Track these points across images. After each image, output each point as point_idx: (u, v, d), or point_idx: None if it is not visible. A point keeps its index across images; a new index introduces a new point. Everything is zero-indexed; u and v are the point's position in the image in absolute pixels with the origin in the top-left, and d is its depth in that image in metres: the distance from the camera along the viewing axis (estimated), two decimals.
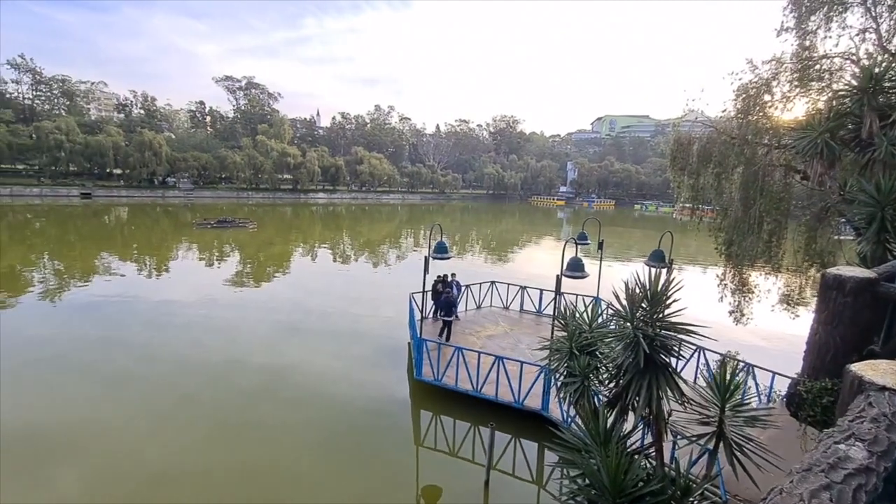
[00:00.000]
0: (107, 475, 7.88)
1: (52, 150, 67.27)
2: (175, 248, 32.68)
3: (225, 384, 11.38)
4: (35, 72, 79.46)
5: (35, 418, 9.47)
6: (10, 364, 11.96)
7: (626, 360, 3.47)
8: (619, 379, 3.73)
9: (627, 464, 2.94)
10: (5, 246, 30.91)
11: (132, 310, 17.24)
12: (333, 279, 24.57)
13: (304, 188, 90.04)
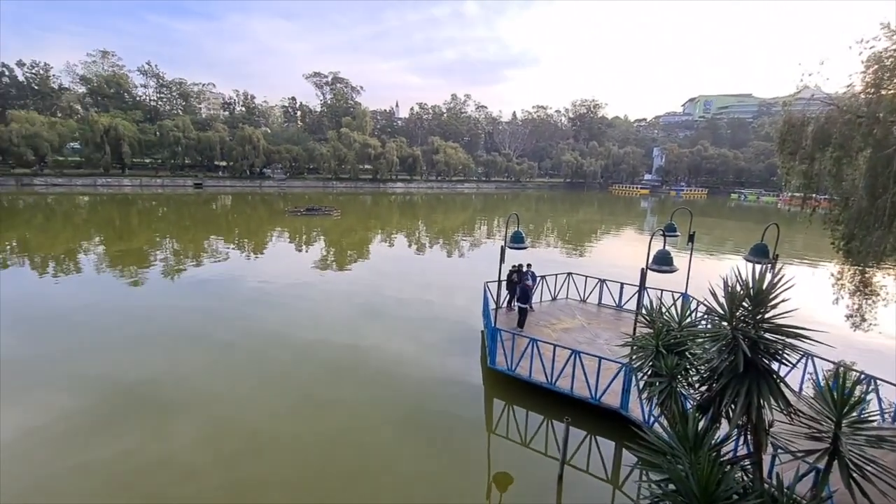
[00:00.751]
0: (213, 431, 8.95)
1: (172, 146, 76.74)
2: (270, 233, 35.78)
3: (311, 360, 12.33)
4: (159, 76, 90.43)
5: (156, 377, 11.01)
6: (137, 329, 14.01)
7: (722, 363, 3.22)
8: (712, 382, 3.47)
9: (720, 473, 2.74)
10: (136, 229, 36.04)
11: (234, 288, 19.24)
12: (409, 266, 25.40)
13: (383, 178, 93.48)
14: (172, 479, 7.51)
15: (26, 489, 7.21)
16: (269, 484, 7.51)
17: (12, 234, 31.17)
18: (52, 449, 8.21)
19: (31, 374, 11.14)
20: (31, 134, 66.31)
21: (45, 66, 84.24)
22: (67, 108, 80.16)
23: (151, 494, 7.17)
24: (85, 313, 15.67)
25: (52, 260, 24.45)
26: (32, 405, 9.64)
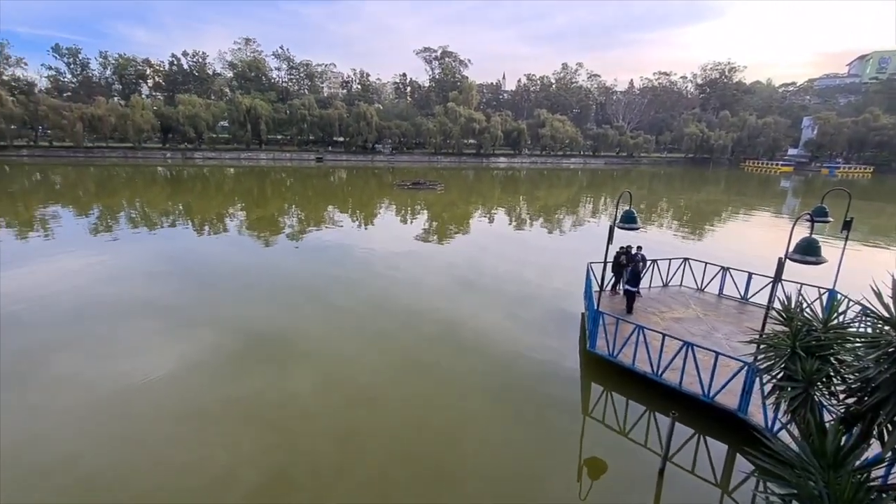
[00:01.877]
0: (326, 381, 10.06)
1: (299, 123, 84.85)
2: (378, 205, 38.12)
3: (412, 326, 13.08)
4: (289, 59, 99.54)
5: (282, 329, 12.61)
6: (268, 286, 16.12)
7: (881, 375, 2.73)
8: (863, 395, 2.97)
9: (867, 500, 2.37)
10: (269, 198, 40.96)
11: (346, 254, 21.01)
12: (508, 242, 25.27)
13: (486, 152, 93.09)
14: (292, 417, 8.67)
15: (187, 413, 8.88)
16: (371, 432, 8.28)
17: (179, 199, 37.62)
18: (204, 381, 9.98)
19: (190, 319, 13.53)
20: (193, 114, 78.19)
21: (202, 54, 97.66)
22: (219, 91, 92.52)
23: (277, 428, 8.36)
24: (228, 269, 18.44)
25: (207, 223, 29.00)
26: (190, 344, 11.74)
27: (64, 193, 40.88)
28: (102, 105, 76.52)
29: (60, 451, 7.60)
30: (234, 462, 7.40)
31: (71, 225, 26.96)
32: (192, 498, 6.65)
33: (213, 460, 7.44)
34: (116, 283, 16.04)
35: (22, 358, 10.56)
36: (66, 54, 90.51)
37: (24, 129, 76.94)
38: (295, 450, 7.77)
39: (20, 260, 18.87)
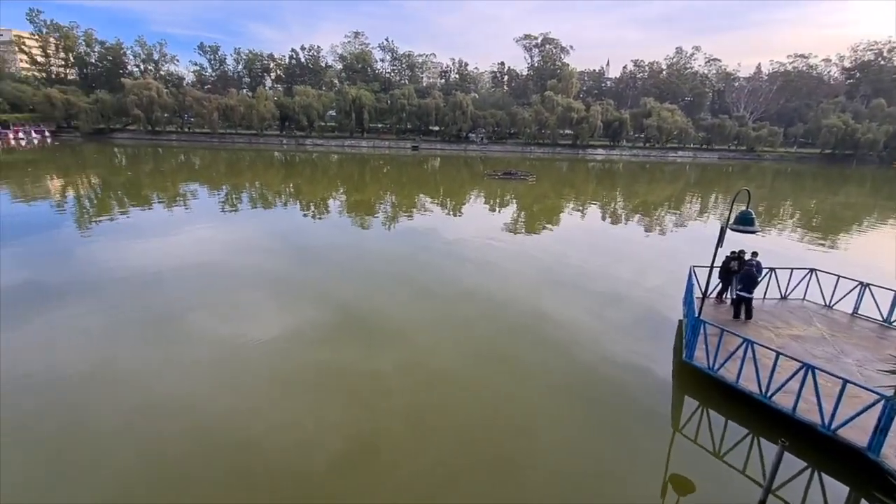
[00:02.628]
0: (409, 362, 10.52)
1: (398, 112, 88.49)
2: (468, 194, 38.50)
3: (494, 316, 13.11)
4: (393, 51, 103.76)
5: (373, 307, 13.41)
6: (364, 266, 17.22)
7: None
8: None
9: None
10: (367, 183, 43.49)
11: (435, 241, 21.61)
12: (600, 237, 24.06)
13: (583, 143, 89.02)
14: (374, 393, 9.23)
15: (286, 377, 9.91)
16: (445, 416, 8.54)
17: (290, 182, 41.57)
18: (302, 349, 11.02)
19: (294, 291, 14.97)
20: (306, 104, 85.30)
21: (317, 48, 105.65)
22: (329, 83, 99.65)
23: (360, 402, 8.98)
24: (328, 248, 20.01)
25: (312, 204, 31.69)
26: (292, 314, 13.01)
27: (201, 173, 47.38)
28: (234, 96, 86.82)
29: (183, 395, 8.97)
30: (320, 427, 8.09)
31: (204, 200, 31.20)
32: (281, 454, 7.42)
33: (302, 423, 8.21)
34: (235, 254, 18.29)
35: (160, 314, 12.58)
36: (208, 52, 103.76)
37: (174, 117, 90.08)
38: (375, 424, 8.24)
39: (164, 229, 22.34)
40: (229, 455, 7.29)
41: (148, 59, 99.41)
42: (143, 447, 7.38)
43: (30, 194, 31.69)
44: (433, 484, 6.91)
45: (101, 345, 10.61)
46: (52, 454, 7.19)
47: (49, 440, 7.50)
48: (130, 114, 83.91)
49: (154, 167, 51.05)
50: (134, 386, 9.04)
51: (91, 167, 48.75)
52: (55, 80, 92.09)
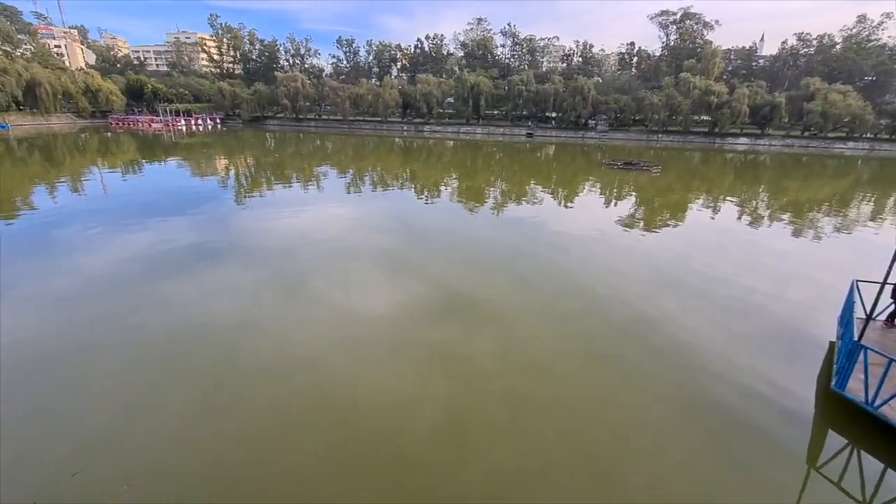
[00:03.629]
0: (505, 350, 10.59)
1: (515, 99, 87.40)
2: (582, 184, 36.74)
3: (598, 314, 12.51)
4: (514, 35, 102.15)
5: (475, 290, 13.69)
6: (468, 252, 17.60)
7: None
8: None
9: None
10: (479, 169, 44.00)
11: (542, 231, 21.17)
12: (733, 240, 21.21)
13: (721, 131, 78.66)
14: (471, 373, 9.49)
15: (393, 348, 10.68)
16: (539, 409, 8.46)
17: (407, 166, 43.91)
18: (409, 324, 11.75)
19: (405, 269, 15.92)
20: (427, 92, 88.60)
21: (441, 37, 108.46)
22: (450, 70, 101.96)
23: (458, 379, 9.32)
24: (437, 231, 20.82)
25: (426, 188, 33.11)
26: (402, 291, 13.89)
27: (332, 156, 52.45)
28: (364, 86, 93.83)
29: (307, 351, 10.21)
30: (420, 398, 8.60)
31: (333, 181, 34.56)
32: (383, 415, 8.08)
33: (404, 390, 8.82)
34: (355, 231, 20.03)
35: (293, 279, 14.40)
36: (344, 45, 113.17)
37: (314, 106, 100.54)
38: (470, 404, 8.49)
39: (299, 205, 25.31)
40: (339, 408, 8.19)
41: (296, 53, 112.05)
42: (274, 391, 8.65)
43: (204, 170, 38.34)
44: (523, 473, 6.95)
45: (247, 299, 12.57)
46: (206, 387, 8.81)
47: (204, 374, 9.18)
48: (280, 103, 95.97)
49: (295, 150, 57.89)
50: (270, 337, 10.58)
51: (248, 149, 57.11)
52: (225, 75, 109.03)
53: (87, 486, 6.26)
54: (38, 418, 7.70)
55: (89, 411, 7.92)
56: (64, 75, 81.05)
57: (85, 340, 10.28)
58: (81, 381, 8.77)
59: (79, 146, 54.68)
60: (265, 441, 7.34)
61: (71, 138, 62.69)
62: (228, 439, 7.35)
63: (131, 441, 7.22)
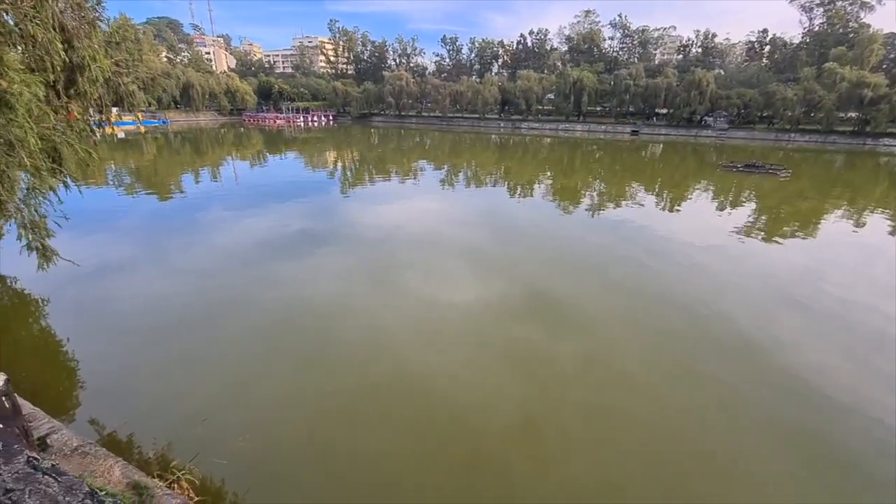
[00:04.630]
0: (589, 358, 10.27)
1: (621, 94, 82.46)
2: (692, 188, 33.62)
3: (698, 330, 11.53)
4: (625, 27, 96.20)
5: (562, 293, 13.40)
6: (557, 251, 17.22)
7: None
8: None
9: None
10: (576, 168, 42.47)
11: (640, 236, 19.88)
12: (878, 260, 17.93)
13: (876, 130, 66.35)
14: (551, 377, 9.39)
15: (478, 342, 10.93)
16: (622, 426, 8.12)
17: (502, 164, 43.89)
18: (494, 320, 11.92)
19: (492, 266, 16.10)
20: (527, 88, 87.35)
21: (544, 31, 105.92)
22: (552, 66, 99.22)
23: (537, 382, 9.30)
24: (527, 230, 20.65)
25: (520, 186, 32.87)
26: (488, 286, 14.10)
27: (429, 152, 54.32)
28: (465, 83, 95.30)
29: (391, 335, 10.90)
30: (497, 396, 8.72)
31: (429, 175, 35.84)
32: (459, 407, 8.38)
33: (481, 385, 9.03)
34: (447, 225, 20.67)
35: (384, 267, 15.37)
36: (448, 43, 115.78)
37: (416, 103, 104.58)
38: (548, 408, 8.41)
39: (396, 197, 26.73)
40: (417, 396, 8.68)
41: (403, 53, 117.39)
42: (362, 371, 9.43)
43: (315, 163, 42.18)
44: (599, 488, 6.76)
45: (343, 282, 13.74)
46: (306, 359, 9.88)
47: (304, 347, 10.30)
48: (385, 101, 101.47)
49: (396, 146, 60.96)
50: (361, 319, 11.49)
51: (354, 144, 61.48)
52: (339, 75, 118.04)
53: (214, 431, 7.42)
54: (175, 370, 9.30)
55: (214, 369, 9.37)
56: (211, 78, 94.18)
57: (212, 307, 12.09)
58: (208, 342, 10.38)
59: (218, 139, 63.30)
60: (352, 415, 8.05)
61: (213, 132, 72.77)
62: (323, 409, 8.21)
63: (247, 398, 8.40)
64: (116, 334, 10.50)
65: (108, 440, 7.00)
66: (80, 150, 6.43)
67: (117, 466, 5.77)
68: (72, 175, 6.57)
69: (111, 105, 7.43)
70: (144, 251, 16.38)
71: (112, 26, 8.27)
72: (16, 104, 4.86)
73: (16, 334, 10.66)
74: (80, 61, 6.07)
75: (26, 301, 12.14)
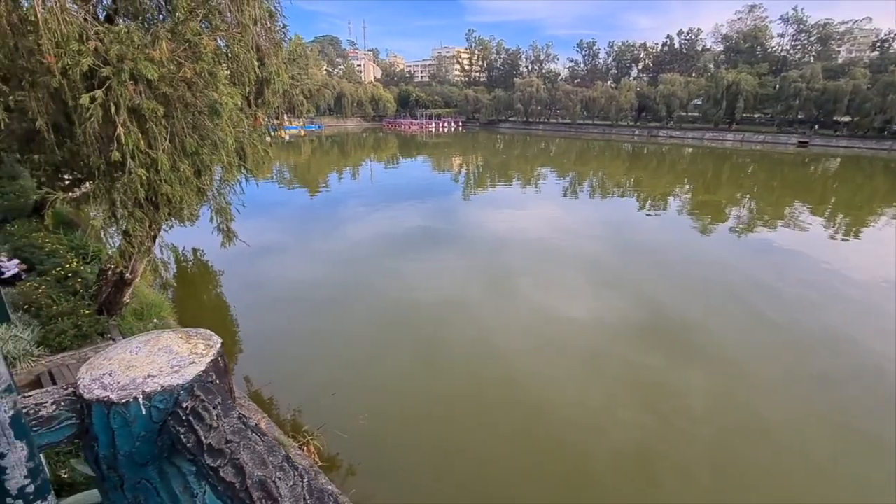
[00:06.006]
0: (717, 395, 9.11)
1: (788, 99, 70.68)
2: (880, 212, 27.40)
3: (867, 383, 9.44)
4: (800, 22, 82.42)
5: (690, 315, 12.09)
6: (688, 271, 15.54)
7: None
8: None
9: None
10: (722, 183, 37.68)
11: (796, 263, 16.91)
12: None
13: None
14: (672, 410, 8.55)
15: (587, 357, 10.48)
16: (754, 472, 7.09)
17: (632, 174, 40.99)
18: (607, 334, 11.30)
19: (609, 281, 15.21)
20: (669, 93, 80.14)
21: (696, 31, 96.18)
22: (702, 68, 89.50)
23: (654, 412, 8.57)
24: (659, 246, 18.97)
25: (651, 198, 30.38)
26: (602, 303, 13.38)
27: (554, 159, 53.20)
28: (598, 88, 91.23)
29: (500, 343, 10.99)
30: (608, 420, 8.26)
31: (551, 183, 35.13)
32: (566, 430, 8.14)
33: (590, 406, 8.62)
34: (566, 235, 20.07)
35: (499, 272, 15.54)
36: (584, 48, 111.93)
37: (545, 109, 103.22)
38: (665, 442, 7.72)
39: (516, 204, 26.74)
40: (524, 407, 8.61)
41: (536, 60, 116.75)
42: (470, 373, 9.74)
43: (441, 166, 44.35)
44: None
45: (459, 283, 14.27)
46: (419, 352, 10.53)
47: (419, 340, 10.97)
48: (514, 107, 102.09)
49: (521, 152, 60.95)
50: (472, 321, 11.84)
51: (480, 149, 63.10)
52: (472, 83, 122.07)
53: (339, 407, 8.27)
54: (308, 342, 10.67)
55: (341, 348, 10.53)
56: (360, 88, 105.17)
57: (341, 291, 13.57)
58: (337, 322, 11.69)
59: (361, 142, 70.34)
60: (459, 417, 8.35)
61: (357, 136, 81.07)
62: (432, 406, 8.64)
63: (366, 381, 9.23)
64: (266, 306, 12.45)
65: (254, 396, 8.35)
66: (261, 149, 7.86)
67: (263, 421, 6.91)
68: (252, 170, 8.08)
69: (284, 112, 8.95)
70: (293, 237, 19.09)
71: (290, 45, 9.89)
72: (222, 112, 6.22)
73: (199, 297, 13.34)
74: (268, 76, 7.46)
75: (209, 271, 15.08)
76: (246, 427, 1.72)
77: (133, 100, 6.14)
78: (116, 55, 5.91)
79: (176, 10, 6.42)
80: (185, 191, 6.79)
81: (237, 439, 1.64)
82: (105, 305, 8.74)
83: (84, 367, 2.09)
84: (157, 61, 5.95)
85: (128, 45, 5.97)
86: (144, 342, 2.24)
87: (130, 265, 8.09)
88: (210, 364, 2.09)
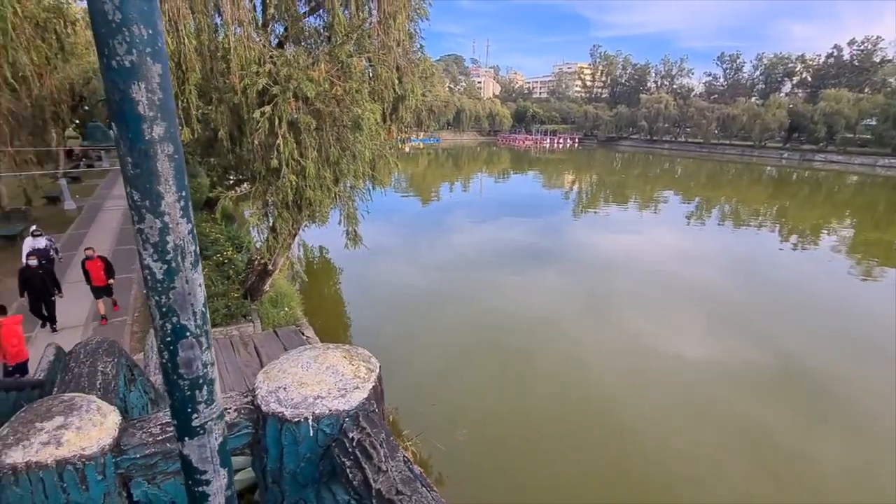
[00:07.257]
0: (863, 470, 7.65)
1: None
2: None
3: None
4: None
5: (831, 378, 10.21)
6: (836, 323, 13.13)
7: None
8: None
9: None
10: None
11: None
12: None
13: None
14: (798, 480, 7.59)
15: (693, 403, 9.52)
16: None
17: (776, 202, 35.75)
18: (716, 380, 10.13)
19: (733, 320, 13.52)
20: (833, 111, 68.49)
21: (874, 40, 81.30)
22: (880, 83, 75.00)
23: (775, 480, 7.66)
24: (797, 287, 16.41)
25: (797, 232, 26.21)
26: (722, 342, 11.92)
27: (679, 182, 48.79)
28: (739, 105, 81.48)
29: (593, 370, 10.40)
30: (716, 472, 7.51)
31: (673, 208, 32.24)
32: (666, 474, 7.64)
33: (696, 456, 7.90)
34: (683, 264, 18.31)
35: (601, 296, 14.81)
36: (726, 61, 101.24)
37: (672, 127, 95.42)
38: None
39: (628, 227, 25.08)
40: (610, 441, 8.16)
41: (666, 74, 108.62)
42: (555, 395, 9.45)
43: (553, 183, 43.49)
44: None
45: (554, 302, 13.93)
46: (509, 367, 10.47)
47: (509, 355, 10.88)
48: (637, 124, 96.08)
49: (641, 171, 57.08)
50: (562, 337, 11.57)
51: (595, 167, 60.58)
52: (593, 99, 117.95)
53: (439, 418, 8.45)
54: (404, 343, 11.20)
55: (432, 353, 10.87)
56: (478, 104, 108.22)
57: (440, 297, 14.17)
58: (430, 326, 12.16)
59: (474, 156, 72.22)
60: (545, 438, 8.21)
61: (471, 150, 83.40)
62: (521, 429, 8.51)
63: (462, 393, 9.42)
64: (375, 305, 13.41)
65: None
66: (391, 161, 8.62)
67: None
68: (380, 180, 8.88)
69: (413, 126, 9.69)
70: (402, 242, 20.33)
71: (422, 65, 10.68)
72: (364, 126, 6.98)
73: (321, 292, 14.88)
74: (404, 93, 8.18)
75: (331, 268, 16.75)
76: (414, 477, 1.72)
77: (292, 114, 7.21)
78: (285, 76, 7.02)
79: (333, 35, 7.42)
80: (324, 196, 7.74)
81: (408, 492, 1.62)
82: (249, 291, 10.26)
83: (261, 374, 2.18)
84: (315, 80, 6.93)
85: (294, 67, 7.03)
86: (314, 357, 2.30)
87: (273, 258, 9.38)
88: (371, 391, 2.12)
